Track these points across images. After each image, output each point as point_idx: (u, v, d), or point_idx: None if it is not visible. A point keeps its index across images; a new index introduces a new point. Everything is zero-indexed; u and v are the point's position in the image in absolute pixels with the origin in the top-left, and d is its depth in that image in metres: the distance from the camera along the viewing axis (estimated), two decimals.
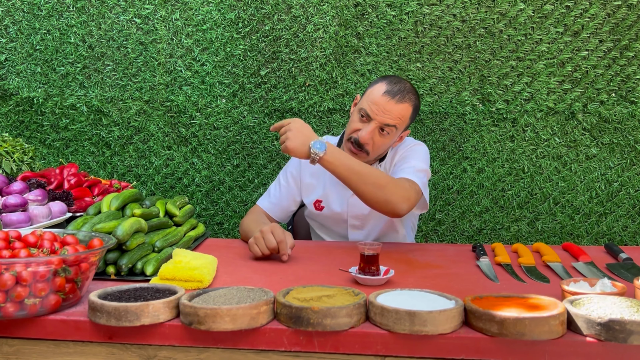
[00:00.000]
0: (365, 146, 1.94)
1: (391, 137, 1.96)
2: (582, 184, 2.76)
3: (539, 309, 1.11)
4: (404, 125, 1.97)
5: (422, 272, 1.60)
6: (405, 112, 1.93)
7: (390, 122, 1.91)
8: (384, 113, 1.90)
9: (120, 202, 1.67)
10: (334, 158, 1.72)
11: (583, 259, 1.69)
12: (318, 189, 2.15)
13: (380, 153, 2.02)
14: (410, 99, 1.94)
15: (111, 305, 1.11)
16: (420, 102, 2.05)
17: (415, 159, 1.98)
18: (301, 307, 1.11)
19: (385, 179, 1.76)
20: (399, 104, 1.91)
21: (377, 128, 1.92)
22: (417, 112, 2.02)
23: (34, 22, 2.88)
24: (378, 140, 1.94)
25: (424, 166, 1.97)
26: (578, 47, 2.70)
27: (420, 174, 1.91)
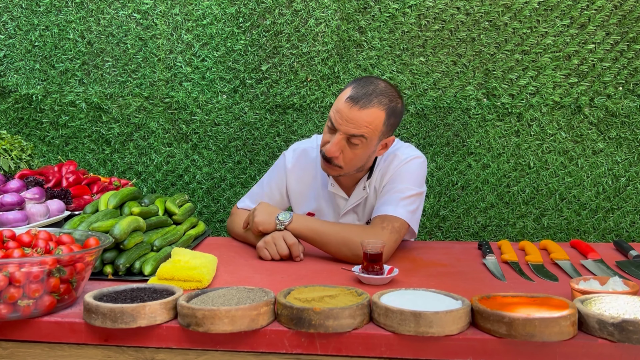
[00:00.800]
0: (334, 160, 1.76)
1: (364, 148, 1.75)
2: (589, 180, 2.72)
3: (549, 309, 1.07)
4: (376, 132, 1.73)
5: (426, 271, 1.56)
6: (374, 119, 1.70)
7: (355, 132, 1.70)
8: (348, 122, 1.70)
9: (118, 200, 1.64)
10: (299, 224, 1.72)
11: (592, 256, 1.65)
12: (310, 201, 2.03)
13: (359, 165, 1.82)
14: (379, 102, 1.71)
15: (106, 306, 1.08)
16: (401, 104, 1.80)
17: (405, 181, 1.80)
18: (302, 307, 1.07)
19: (350, 232, 1.67)
20: (363, 110, 1.69)
21: (344, 139, 1.73)
22: (396, 116, 1.78)
23: (33, 18, 2.84)
24: (348, 153, 1.75)
25: (413, 190, 1.79)
26: (584, 40, 2.65)
27: (406, 202, 1.76)
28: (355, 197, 1.94)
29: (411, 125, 2.75)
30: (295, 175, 2.02)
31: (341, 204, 1.98)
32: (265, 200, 2.04)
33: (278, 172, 2.06)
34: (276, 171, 2.07)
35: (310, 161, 2.02)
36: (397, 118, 1.80)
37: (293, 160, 2.03)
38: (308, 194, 2.03)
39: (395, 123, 1.80)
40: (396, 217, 1.72)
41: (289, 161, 2.04)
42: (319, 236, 1.69)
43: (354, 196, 1.94)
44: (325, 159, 1.78)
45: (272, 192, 2.05)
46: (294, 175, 2.02)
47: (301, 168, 2.02)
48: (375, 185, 1.92)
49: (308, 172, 2.02)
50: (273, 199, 2.05)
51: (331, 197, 2.00)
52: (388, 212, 1.73)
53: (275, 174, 2.07)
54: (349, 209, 1.96)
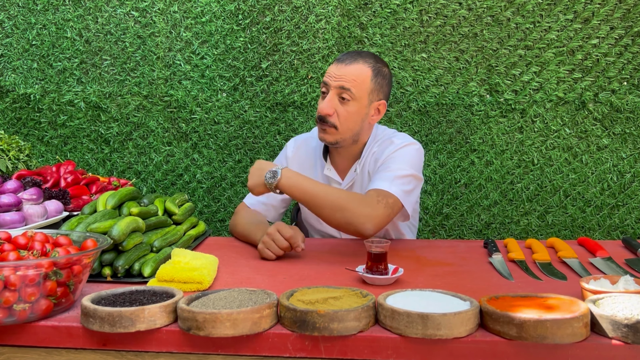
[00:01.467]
0: (329, 118, 1.83)
1: (356, 105, 1.84)
2: (594, 176, 2.69)
3: (561, 310, 1.04)
4: (364, 88, 1.83)
5: (432, 270, 1.53)
6: (361, 73, 1.83)
7: (345, 84, 1.81)
8: (337, 78, 1.83)
9: (116, 200, 1.61)
10: (290, 182, 1.66)
11: (600, 254, 1.62)
12: None
13: (354, 128, 1.87)
14: (365, 61, 1.85)
15: (104, 310, 1.05)
16: (388, 71, 1.92)
17: (399, 162, 1.81)
18: (306, 310, 1.04)
19: (345, 198, 1.65)
20: (350, 65, 1.83)
21: (336, 96, 1.83)
22: (384, 77, 1.89)
23: (30, 17, 2.81)
24: (342, 111, 1.84)
25: (408, 170, 1.80)
26: (588, 35, 2.62)
27: (401, 180, 1.76)
28: (348, 179, 1.96)
29: (413, 123, 2.72)
30: (296, 163, 2.07)
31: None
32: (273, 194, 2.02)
33: (280, 162, 2.11)
34: (278, 161, 2.12)
35: (311, 150, 2.08)
36: (384, 79, 1.89)
37: (294, 149, 2.10)
38: None
39: (384, 85, 1.90)
40: (390, 193, 1.72)
41: (290, 150, 2.11)
42: (312, 198, 1.66)
43: (348, 178, 1.97)
44: (321, 120, 1.85)
45: None
46: (295, 164, 2.07)
47: (301, 156, 2.08)
48: (368, 169, 1.93)
49: (308, 160, 2.07)
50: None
51: (328, 182, 2.00)
52: (382, 187, 1.73)
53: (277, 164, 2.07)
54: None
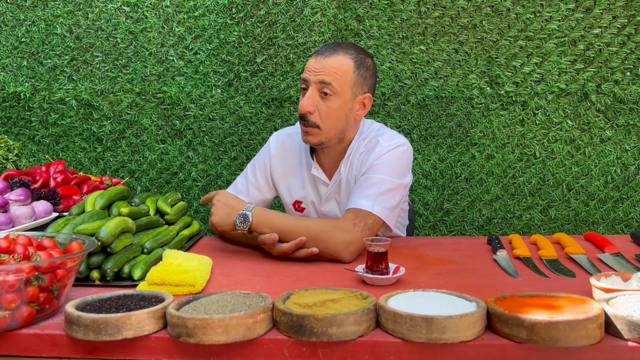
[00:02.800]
0: (310, 117, 1.72)
1: (338, 100, 1.72)
2: (597, 169, 2.64)
3: (573, 311, 0.98)
4: (346, 81, 1.72)
5: (435, 269, 1.47)
6: (340, 65, 1.71)
7: (325, 78, 1.70)
8: (317, 71, 1.71)
9: (105, 200, 1.54)
10: (261, 222, 1.60)
11: (609, 249, 1.56)
12: (297, 188, 1.94)
13: (338, 126, 1.76)
14: (345, 52, 1.73)
15: (89, 317, 0.99)
16: (372, 62, 1.80)
17: (384, 171, 1.72)
18: (303, 314, 0.98)
19: (318, 229, 1.58)
20: (329, 57, 1.72)
21: (317, 91, 1.72)
22: (367, 68, 1.77)
23: (19, 14, 2.75)
24: (323, 107, 1.72)
25: (393, 182, 1.71)
26: (590, 24, 2.56)
27: (384, 197, 1.67)
28: (334, 180, 1.86)
29: (412, 117, 2.66)
30: (280, 161, 1.95)
31: (322, 190, 1.90)
32: (252, 190, 1.96)
33: (262, 159, 1.98)
34: (260, 158, 1.98)
35: (295, 146, 1.95)
36: (368, 71, 1.78)
37: (277, 146, 1.97)
38: (294, 181, 1.94)
39: (368, 77, 1.79)
40: (370, 214, 1.64)
41: (272, 147, 1.97)
42: (285, 235, 1.59)
43: (334, 179, 1.86)
44: (302, 119, 1.74)
45: (258, 181, 1.96)
46: (278, 161, 1.95)
47: (286, 153, 1.95)
48: (355, 172, 1.83)
49: (293, 157, 1.95)
50: (260, 189, 1.96)
51: (314, 183, 1.91)
52: (363, 207, 1.65)
53: (259, 162, 1.98)
54: (329, 193, 1.88)
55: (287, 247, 1.56)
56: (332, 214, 1.90)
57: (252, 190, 1.96)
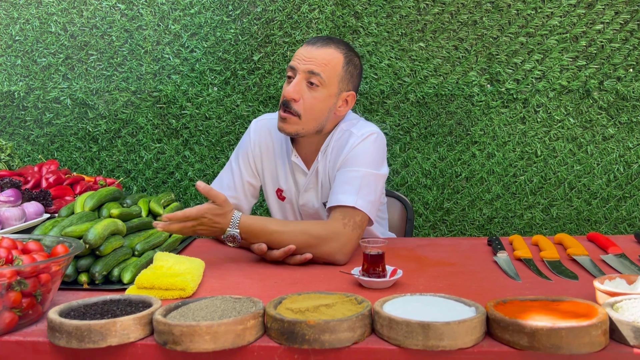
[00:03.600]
0: (293, 104, 1.70)
1: (324, 92, 1.71)
2: (599, 167, 2.60)
3: (576, 316, 0.94)
4: (334, 75, 1.72)
5: (433, 271, 1.44)
6: (331, 58, 1.71)
7: (314, 68, 1.68)
8: (306, 60, 1.70)
9: (95, 201, 1.51)
10: (250, 234, 1.53)
11: (613, 250, 1.52)
12: (279, 175, 1.90)
13: (318, 118, 1.74)
14: (337, 46, 1.74)
15: (71, 324, 0.95)
16: (359, 62, 1.81)
17: (360, 163, 1.69)
18: (294, 320, 0.94)
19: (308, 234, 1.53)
20: (320, 48, 1.71)
21: (304, 80, 1.70)
22: (355, 67, 1.78)
23: (12, 12, 2.71)
24: (308, 97, 1.70)
25: (371, 174, 1.68)
26: (592, 20, 2.52)
27: (365, 190, 1.64)
28: (312, 170, 1.83)
29: (411, 115, 2.62)
30: (261, 147, 1.91)
31: (301, 180, 1.87)
32: (238, 181, 1.90)
33: (244, 147, 1.93)
34: (242, 147, 1.94)
35: (276, 132, 1.89)
36: (356, 69, 1.79)
37: (257, 131, 1.93)
38: (275, 168, 1.91)
39: (355, 75, 1.79)
40: (357, 211, 1.61)
41: (252, 132, 1.93)
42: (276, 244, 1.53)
43: (312, 168, 1.83)
44: (285, 105, 1.71)
45: (241, 170, 1.91)
46: (259, 147, 1.91)
47: (266, 138, 1.91)
48: (331, 164, 1.79)
49: (273, 143, 1.91)
50: (244, 179, 1.91)
51: (293, 172, 1.87)
52: (348, 203, 1.61)
53: (241, 151, 1.93)
54: (308, 184, 1.85)
55: (277, 255, 1.53)
56: (310, 204, 1.86)
57: (238, 182, 1.91)
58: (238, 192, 1.90)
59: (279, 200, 1.93)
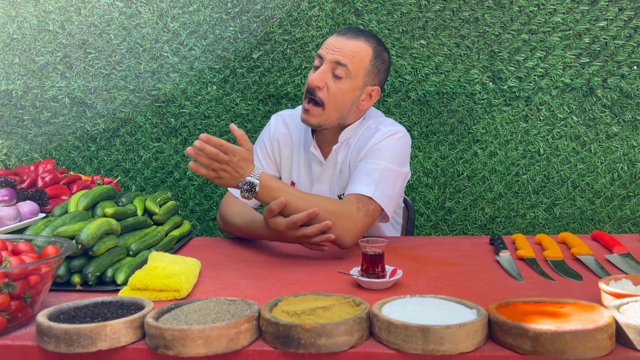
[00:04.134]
0: (318, 92, 1.69)
1: (349, 84, 1.70)
2: (603, 166, 2.57)
3: (581, 319, 0.91)
4: (361, 68, 1.71)
5: (434, 271, 1.40)
6: (359, 50, 1.70)
7: (341, 59, 1.68)
8: (334, 50, 1.69)
9: (89, 200, 1.48)
10: (267, 188, 1.48)
11: (618, 250, 1.49)
12: (293, 168, 1.92)
13: (342, 109, 1.73)
14: (367, 40, 1.72)
15: (60, 327, 0.92)
16: (388, 57, 1.79)
17: (384, 157, 1.67)
18: (290, 324, 0.91)
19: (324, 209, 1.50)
20: (350, 40, 1.70)
21: (330, 70, 1.70)
22: (383, 61, 1.76)
23: (10, 10, 2.69)
24: (333, 86, 1.69)
25: (393, 169, 1.67)
26: (596, 17, 2.49)
27: (384, 184, 1.63)
28: (330, 161, 1.83)
29: (413, 113, 2.59)
30: (280, 139, 1.93)
31: (316, 170, 1.86)
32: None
33: (263, 139, 1.95)
34: (261, 139, 1.96)
35: (295, 126, 1.93)
36: (383, 64, 1.78)
37: (277, 124, 1.96)
38: (291, 161, 1.92)
39: (382, 70, 1.78)
40: (371, 200, 1.60)
41: (272, 125, 1.96)
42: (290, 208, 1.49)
43: (330, 159, 1.83)
44: (310, 93, 1.71)
45: (261, 162, 1.93)
46: (278, 139, 1.93)
47: (285, 131, 1.93)
48: (350, 157, 1.79)
49: (292, 137, 1.93)
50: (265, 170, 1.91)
51: (309, 163, 1.87)
52: (364, 192, 1.60)
53: (260, 143, 1.95)
54: (322, 175, 1.84)
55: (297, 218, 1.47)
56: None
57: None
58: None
59: None
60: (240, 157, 1.44)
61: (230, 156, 1.42)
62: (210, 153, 1.40)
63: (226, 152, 1.42)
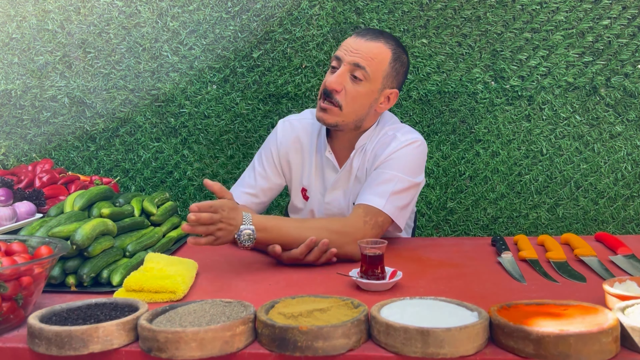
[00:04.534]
0: (335, 94, 1.65)
1: (368, 86, 1.66)
2: (607, 165, 2.54)
3: (585, 322, 0.89)
4: (380, 71, 1.67)
5: (435, 273, 1.38)
6: (378, 52, 1.66)
7: (360, 61, 1.64)
8: (353, 52, 1.65)
9: (85, 200, 1.46)
10: (265, 231, 1.44)
11: (622, 251, 1.47)
12: (304, 174, 1.86)
13: (359, 112, 1.69)
14: (386, 41, 1.69)
15: (51, 330, 0.90)
16: (407, 59, 1.76)
17: (399, 168, 1.64)
18: (286, 326, 0.89)
19: (327, 230, 1.47)
20: (369, 42, 1.66)
21: (348, 72, 1.66)
22: (402, 64, 1.73)
23: (9, 9, 2.67)
24: (351, 89, 1.65)
25: (407, 180, 1.63)
26: (599, 15, 2.47)
27: (396, 196, 1.60)
28: (345, 168, 1.78)
29: (414, 112, 2.56)
30: (288, 146, 1.86)
31: (330, 177, 1.81)
32: (260, 181, 1.84)
33: (269, 146, 1.88)
34: (267, 146, 1.89)
35: (304, 130, 1.86)
36: (402, 67, 1.74)
37: (284, 130, 1.88)
38: (302, 167, 1.86)
39: (401, 73, 1.75)
40: (381, 212, 1.57)
41: (279, 131, 1.88)
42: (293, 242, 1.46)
43: (345, 166, 1.78)
44: (327, 94, 1.67)
45: (266, 170, 1.86)
46: (285, 146, 1.86)
47: (293, 137, 1.87)
48: (367, 164, 1.76)
49: (301, 142, 1.86)
50: (268, 178, 1.86)
51: (322, 169, 1.82)
52: (374, 204, 1.57)
53: (265, 150, 1.89)
54: (337, 182, 1.79)
55: (298, 253, 1.45)
56: (336, 203, 1.81)
57: (260, 181, 1.86)
58: (257, 191, 1.86)
59: (303, 199, 1.88)
60: (228, 209, 1.41)
61: (220, 213, 1.38)
62: (205, 220, 1.36)
63: (216, 211, 1.38)
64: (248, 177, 1.88)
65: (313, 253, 1.46)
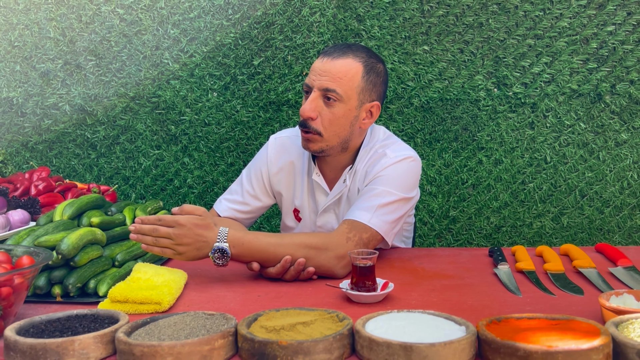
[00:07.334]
0: (311, 123, 1.58)
1: (343, 107, 1.58)
2: (612, 174, 2.50)
3: (576, 337, 0.85)
4: (353, 87, 1.58)
5: (428, 284, 1.35)
6: (348, 70, 1.57)
7: (329, 84, 1.56)
8: (321, 75, 1.58)
9: (75, 209, 1.44)
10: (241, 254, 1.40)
11: (622, 262, 1.42)
12: (296, 195, 1.80)
13: (342, 134, 1.62)
14: (355, 55, 1.60)
15: (26, 342, 0.88)
16: (383, 67, 1.67)
17: (388, 184, 1.58)
18: (266, 340, 0.86)
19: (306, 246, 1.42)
20: (336, 60, 1.58)
21: (320, 97, 1.58)
22: (378, 74, 1.64)
23: (11, 17, 2.68)
24: (326, 113, 1.58)
25: (396, 195, 1.56)
26: (603, 21, 2.43)
27: (384, 209, 1.53)
28: (336, 191, 1.71)
29: (416, 120, 2.54)
30: (278, 165, 1.80)
31: (321, 199, 1.75)
32: (248, 198, 1.80)
33: (258, 165, 1.82)
34: (256, 164, 1.83)
35: (295, 149, 1.79)
36: (379, 77, 1.65)
37: (275, 149, 1.82)
38: (293, 187, 1.80)
39: (378, 84, 1.66)
40: (367, 227, 1.50)
41: (270, 150, 1.82)
42: (273, 255, 1.41)
43: (335, 190, 1.72)
44: (302, 126, 1.61)
45: (254, 188, 1.81)
46: (276, 165, 1.80)
47: (285, 156, 1.80)
48: (358, 184, 1.69)
49: (292, 161, 1.80)
50: (256, 197, 1.81)
51: (312, 191, 1.77)
52: (360, 219, 1.51)
53: (254, 168, 1.83)
54: (328, 204, 1.73)
55: (274, 272, 1.41)
56: (329, 226, 1.75)
57: (248, 198, 1.82)
58: (244, 207, 1.81)
59: (295, 220, 1.83)
60: (192, 225, 1.36)
61: (179, 229, 1.34)
62: (147, 231, 1.33)
63: (169, 225, 1.34)
64: (236, 192, 1.83)
65: (289, 272, 1.41)
